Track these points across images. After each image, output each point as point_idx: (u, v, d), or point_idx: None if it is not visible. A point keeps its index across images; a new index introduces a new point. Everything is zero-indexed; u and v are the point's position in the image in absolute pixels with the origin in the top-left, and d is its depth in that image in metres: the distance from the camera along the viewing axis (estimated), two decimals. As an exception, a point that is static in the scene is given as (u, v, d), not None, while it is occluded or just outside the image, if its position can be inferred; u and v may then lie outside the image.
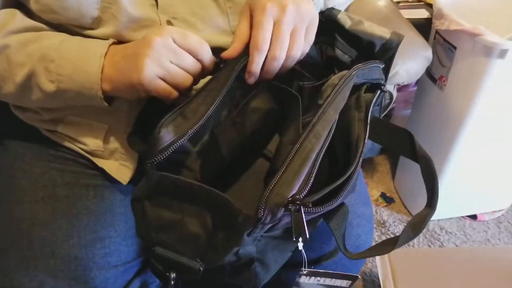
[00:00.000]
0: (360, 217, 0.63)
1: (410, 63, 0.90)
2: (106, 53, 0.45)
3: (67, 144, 0.55)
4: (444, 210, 1.20)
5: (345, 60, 0.57)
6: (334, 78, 0.52)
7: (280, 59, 0.46)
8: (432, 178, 0.47)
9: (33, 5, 0.47)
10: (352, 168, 0.45)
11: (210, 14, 0.52)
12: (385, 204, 1.29)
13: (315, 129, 0.44)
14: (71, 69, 0.45)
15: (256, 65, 0.46)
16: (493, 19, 0.98)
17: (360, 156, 0.47)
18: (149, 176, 0.45)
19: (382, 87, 0.54)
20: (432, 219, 1.24)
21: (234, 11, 0.52)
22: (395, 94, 1.01)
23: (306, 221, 0.39)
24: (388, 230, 1.20)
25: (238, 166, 0.54)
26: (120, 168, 0.54)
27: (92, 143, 0.53)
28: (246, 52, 0.46)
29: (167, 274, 0.46)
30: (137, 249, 0.55)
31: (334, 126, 0.46)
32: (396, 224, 1.22)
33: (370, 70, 0.53)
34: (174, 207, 0.45)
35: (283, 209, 0.40)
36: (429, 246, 1.17)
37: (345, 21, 0.57)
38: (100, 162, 0.54)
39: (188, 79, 0.46)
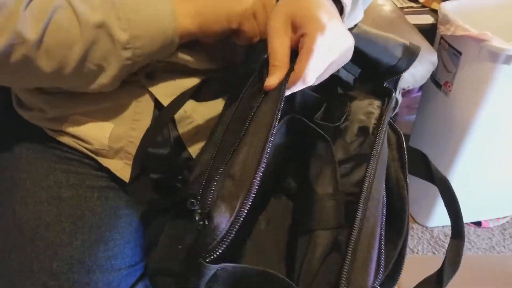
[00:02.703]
0: None
1: (416, 67, 0.90)
2: None
3: (72, 143, 0.55)
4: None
5: (348, 79, 0.55)
6: (356, 112, 0.50)
7: (306, 84, 0.41)
8: (453, 203, 0.44)
9: None
10: (405, 227, 0.40)
11: None
12: (388, 210, 1.28)
13: (371, 196, 0.38)
14: (143, 13, 0.45)
15: (290, 91, 0.41)
16: (498, 24, 0.98)
17: (408, 209, 0.42)
18: (203, 270, 0.35)
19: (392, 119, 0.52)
20: (436, 225, 1.24)
21: None
22: (400, 99, 1.01)
23: None
24: (392, 236, 1.19)
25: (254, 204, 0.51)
26: (125, 168, 0.53)
27: (97, 142, 0.53)
28: (286, 80, 0.39)
29: None
30: (141, 253, 0.54)
31: (384, 185, 0.42)
32: (400, 231, 1.21)
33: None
34: None
35: None
36: (434, 253, 1.15)
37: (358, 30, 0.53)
38: (105, 162, 0.54)
39: (258, 36, 0.49)
